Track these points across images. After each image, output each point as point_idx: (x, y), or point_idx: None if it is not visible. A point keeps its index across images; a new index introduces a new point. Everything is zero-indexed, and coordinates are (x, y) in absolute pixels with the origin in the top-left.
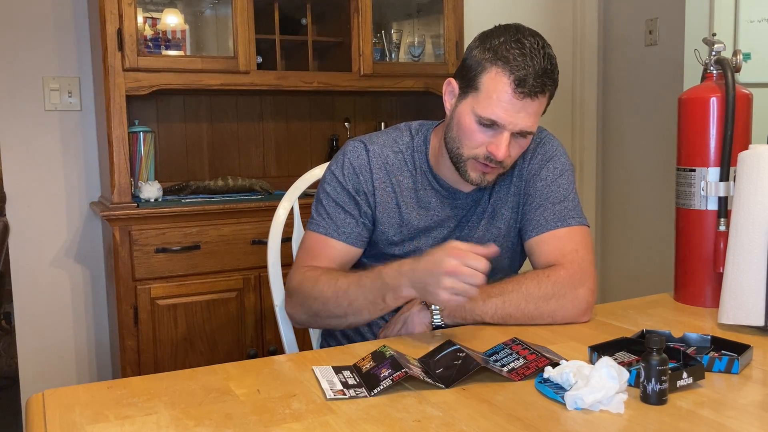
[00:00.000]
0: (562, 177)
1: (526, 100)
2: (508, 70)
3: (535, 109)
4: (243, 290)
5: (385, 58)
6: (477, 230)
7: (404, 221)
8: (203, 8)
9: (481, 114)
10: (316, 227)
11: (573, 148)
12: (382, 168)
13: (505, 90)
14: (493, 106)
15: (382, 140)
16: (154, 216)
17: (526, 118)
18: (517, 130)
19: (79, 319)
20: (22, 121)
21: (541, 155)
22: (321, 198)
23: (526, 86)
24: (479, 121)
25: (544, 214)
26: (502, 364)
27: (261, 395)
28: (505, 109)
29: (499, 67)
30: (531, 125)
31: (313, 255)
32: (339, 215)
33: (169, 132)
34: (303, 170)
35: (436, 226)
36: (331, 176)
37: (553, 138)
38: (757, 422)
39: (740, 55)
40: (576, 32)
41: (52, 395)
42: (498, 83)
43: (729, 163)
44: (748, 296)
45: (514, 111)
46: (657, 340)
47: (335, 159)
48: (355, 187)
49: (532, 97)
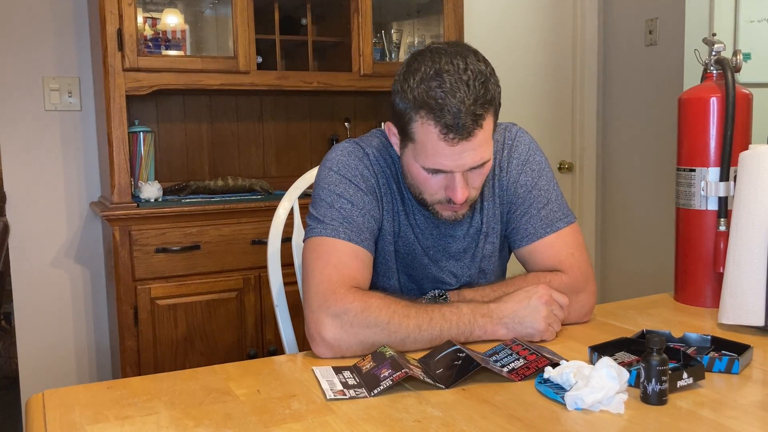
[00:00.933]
0: (542, 178)
1: (462, 143)
2: (432, 118)
3: (478, 143)
4: (243, 290)
5: (385, 58)
6: (476, 252)
7: (402, 233)
8: (203, 8)
9: (424, 165)
10: (335, 233)
11: (573, 149)
12: (382, 173)
13: (437, 138)
14: (432, 156)
15: (376, 144)
16: (154, 216)
17: (472, 155)
18: (467, 169)
19: (79, 319)
20: (22, 121)
21: (517, 159)
22: (332, 201)
23: (457, 131)
24: (427, 171)
25: (531, 222)
26: (502, 364)
27: (261, 395)
28: (445, 156)
29: (423, 117)
30: (480, 158)
31: (346, 266)
32: (357, 218)
33: (169, 132)
34: (303, 170)
35: (430, 248)
36: (339, 177)
37: (524, 134)
38: (757, 422)
39: (740, 55)
40: (576, 32)
41: (52, 395)
42: (428, 134)
43: (729, 163)
44: (748, 296)
45: (456, 155)
46: (657, 340)
47: (334, 161)
48: (368, 188)
49: (468, 138)
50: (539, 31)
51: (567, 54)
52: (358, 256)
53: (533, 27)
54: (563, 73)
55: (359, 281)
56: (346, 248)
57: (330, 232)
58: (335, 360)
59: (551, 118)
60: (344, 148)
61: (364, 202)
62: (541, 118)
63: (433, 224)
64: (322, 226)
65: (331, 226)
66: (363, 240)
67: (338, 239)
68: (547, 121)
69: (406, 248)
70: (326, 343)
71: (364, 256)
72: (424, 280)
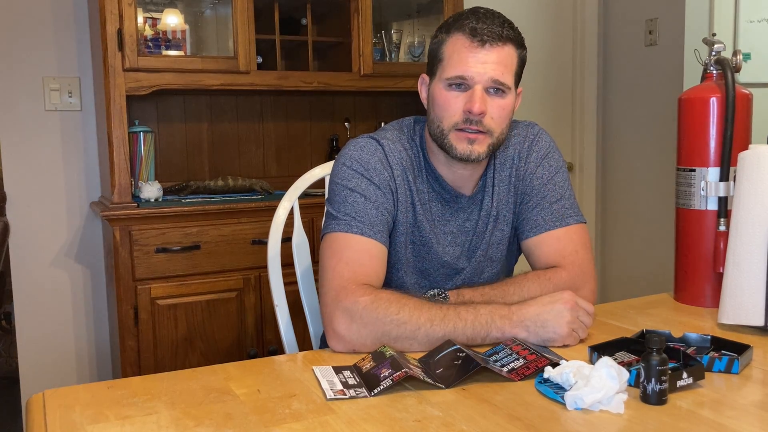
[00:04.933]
0: (558, 174)
1: (487, 48)
2: (461, 28)
3: (500, 58)
4: (243, 290)
5: (385, 58)
6: (485, 235)
7: (418, 224)
8: (203, 8)
9: (449, 76)
10: (347, 228)
11: (573, 149)
12: (398, 165)
13: (464, 44)
14: (457, 64)
15: (390, 136)
16: (154, 216)
17: (493, 68)
18: (488, 81)
19: (79, 319)
20: (22, 121)
21: (536, 153)
22: (345, 195)
23: (482, 34)
24: (450, 86)
25: (542, 214)
26: (502, 364)
27: (261, 395)
28: (469, 62)
29: (455, 33)
30: (500, 75)
31: (358, 263)
32: (371, 212)
33: (169, 132)
34: (303, 170)
35: (446, 233)
36: (351, 172)
37: (545, 133)
38: (757, 422)
39: (740, 55)
40: (576, 32)
41: (52, 395)
42: (456, 44)
43: (729, 163)
44: (748, 296)
45: (478, 62)
46: (657, 340)
47: (347, 156)
48: (381, 182)
49: (492, 43)
50: (539, 31)
51: (567, 54)
52: (370, 250)
53: (533, 27)
54: (563, 73)
55: (371, 276)
56: (359, 243)
57: (343, 227)
58: (336, 359)
59: (551, 118)
60: (357, 144)
61: (377, 195)
62: (541, 118)
63: (447, 208)
64: (335, 222)
65: (344, 221)
66: (376, 233)
67: (351, 234)
68: (547, 121)
69: (421, 239)
70: (338, 336)
71: (377, 249)
72: (437, 272)
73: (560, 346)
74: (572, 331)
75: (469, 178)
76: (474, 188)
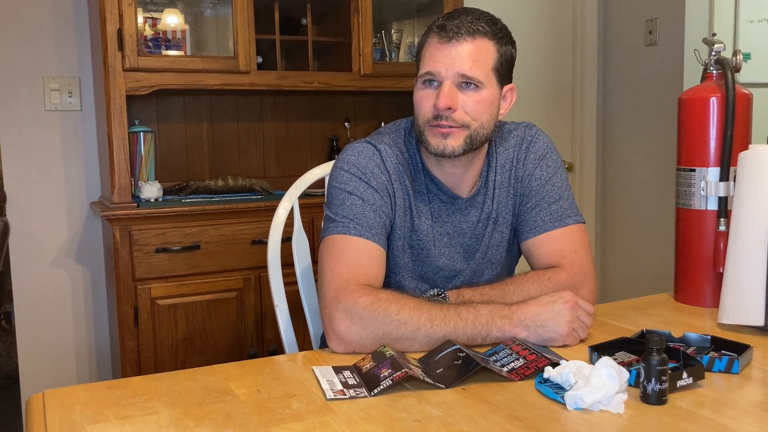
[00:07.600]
0: (556, 175)
1: (454, 43)
2: (434, 28)
3: (469, 53)
4: (243, 290)
5: (385, 58)
6: (484, 238)
7: (415, 227)
8: (203, 8)
9: (420, 73)
10: (346, 230)
11: (573, 149)
12: (395, 170)
13: (433, 42)
14: (427, 61)
15: (387, 140)
16: (154, 216)
17: (461, 62)
18: (456, 76)
19: (79, 319)
20: (22, 121)
21: (534, 154)
22: (343, 198)
23: (450, 30)
24: (423, 83)
25: (541, 215)
26: (502, 364)
27: (261, 395)
28: (436, 59)
29: (429, 32)
30: (467, 69)
31: (357, 264)
32: (369, 214)
33: (169, 132)
34: (303, 170)
35: (442, 234)
36: (349, 176)
37: (543, 134)
38: (757, 422)
39: (740, 55)
40: (576, 32)
41: (52, 395)
42: (429, 43)
43: (729, 163)
44: (748, 296)
45: (445, 57)
46: (657, 340)
47: (345, 160)
48: (379, 186)
49: (459, 38)
50: (539, 31)
51: (567, 54)
52: (369, 252)
53: (533, 27)
54: (563, 73)
55: (370, 277)
56: (358, 245)
57: (341, 229)
58: (336, 359)
59: (551, 118)
60: (354, 149)
61: (374, 198)
62: (541, 118)
63: (444, 210)
64: (334, 225)
65: (342, 224)
66: (374, 235)
67: (349, 236)
68: (547, 121)
69: (419, 242)
70: (338, 336)
71: (376, 251)
72: (435, 276)
73: (560, 346)
74: (572, 330)
75: (462, 178)
76: (471, 189)
